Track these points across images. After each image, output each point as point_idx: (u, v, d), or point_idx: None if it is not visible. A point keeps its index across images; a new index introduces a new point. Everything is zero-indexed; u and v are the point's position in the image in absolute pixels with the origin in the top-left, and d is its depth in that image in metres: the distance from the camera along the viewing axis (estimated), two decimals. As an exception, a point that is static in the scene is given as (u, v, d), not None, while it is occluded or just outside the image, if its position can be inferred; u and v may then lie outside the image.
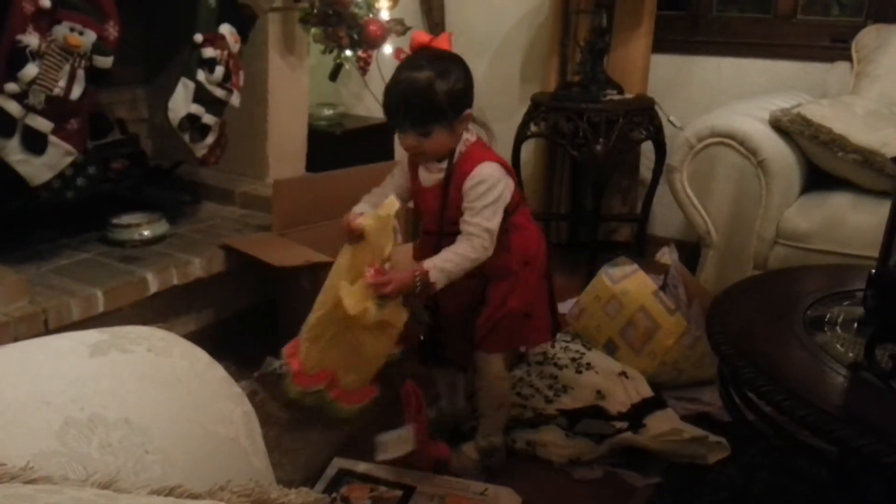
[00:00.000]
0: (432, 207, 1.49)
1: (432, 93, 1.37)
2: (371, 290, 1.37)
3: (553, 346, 2.02)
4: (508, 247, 1.49)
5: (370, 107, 2.88)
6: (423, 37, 1.45)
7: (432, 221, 1.51)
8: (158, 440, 0.58)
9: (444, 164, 1.46)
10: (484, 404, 1.61)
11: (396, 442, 1.57)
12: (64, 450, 0.52)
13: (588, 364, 1.94)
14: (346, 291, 1.38)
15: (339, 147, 2.54)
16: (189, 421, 0.61)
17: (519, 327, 1.54)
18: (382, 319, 1.39)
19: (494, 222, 1.42)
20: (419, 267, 1.41)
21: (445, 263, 1.41)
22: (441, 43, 1.43)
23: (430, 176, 1.48)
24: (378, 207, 1.44)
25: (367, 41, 2.28)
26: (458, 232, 1.44)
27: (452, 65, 1.41)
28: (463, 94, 1.42)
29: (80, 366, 0.60)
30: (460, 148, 1.45)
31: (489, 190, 1.41)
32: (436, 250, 1.45)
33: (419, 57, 1.41)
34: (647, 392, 1.84)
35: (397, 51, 1.52)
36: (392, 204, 1.41)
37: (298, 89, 2.39)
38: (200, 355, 0.68)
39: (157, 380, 0.62)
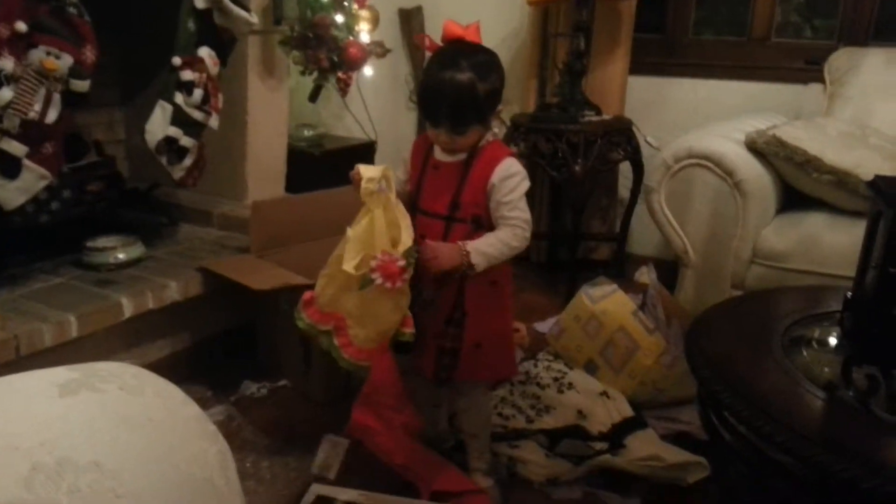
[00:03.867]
0: (445, 187, 1.43)
1: (474, 96, 1.35)
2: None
3: (536, 366, 2.03)
4: None
5: (350, 127, 2.89)
6: (456, 28, 1.41)
7: (444, 205, 1.43)
8: (130, 483, 0.56)
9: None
10: (474, 425, 1.59)
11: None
12: (31, 497, 0.51)
13: (570, 384, 1.94)
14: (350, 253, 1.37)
15: (318, 168, 2.53)
16: (162, 462, 0.60)
17: (501, 356, 1.54)
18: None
19: (529, 214, 1.42)
20: (462, 245, 1.37)
21: (487, 247, 1.38)
22: (472, 34, 1.41)
23: (450, 153, 1.44)
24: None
25: (347, 63, 2.28)
26: (467, 219, 1.41)
27: (491, 62, 1.40)
28: (499, 92, 1.41)
29: (50, 407, 0.59)
30: (487, 136, 1.43)
31: (521, 183, 1.41)
32: (444, 237, 1.41)
33: (457, 53, 1.37)
34: (627, 412, 1.84)
35: (425, 38, 1.46)
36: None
37: (278, 111, 2.38)
38: (174, 393, 0.67)
39: (129, 420, 0.61)
